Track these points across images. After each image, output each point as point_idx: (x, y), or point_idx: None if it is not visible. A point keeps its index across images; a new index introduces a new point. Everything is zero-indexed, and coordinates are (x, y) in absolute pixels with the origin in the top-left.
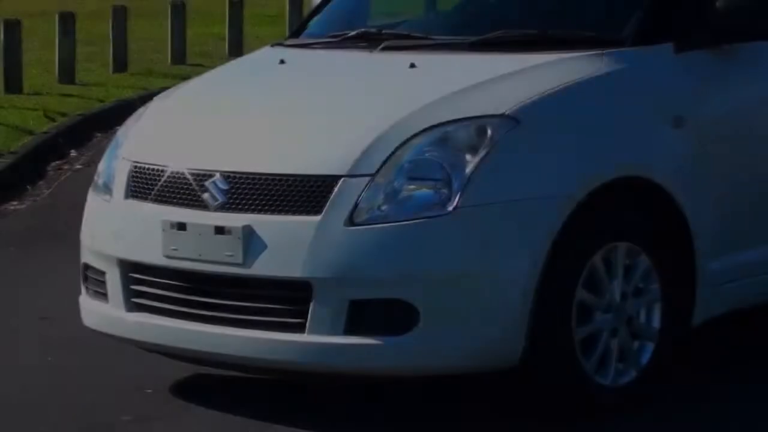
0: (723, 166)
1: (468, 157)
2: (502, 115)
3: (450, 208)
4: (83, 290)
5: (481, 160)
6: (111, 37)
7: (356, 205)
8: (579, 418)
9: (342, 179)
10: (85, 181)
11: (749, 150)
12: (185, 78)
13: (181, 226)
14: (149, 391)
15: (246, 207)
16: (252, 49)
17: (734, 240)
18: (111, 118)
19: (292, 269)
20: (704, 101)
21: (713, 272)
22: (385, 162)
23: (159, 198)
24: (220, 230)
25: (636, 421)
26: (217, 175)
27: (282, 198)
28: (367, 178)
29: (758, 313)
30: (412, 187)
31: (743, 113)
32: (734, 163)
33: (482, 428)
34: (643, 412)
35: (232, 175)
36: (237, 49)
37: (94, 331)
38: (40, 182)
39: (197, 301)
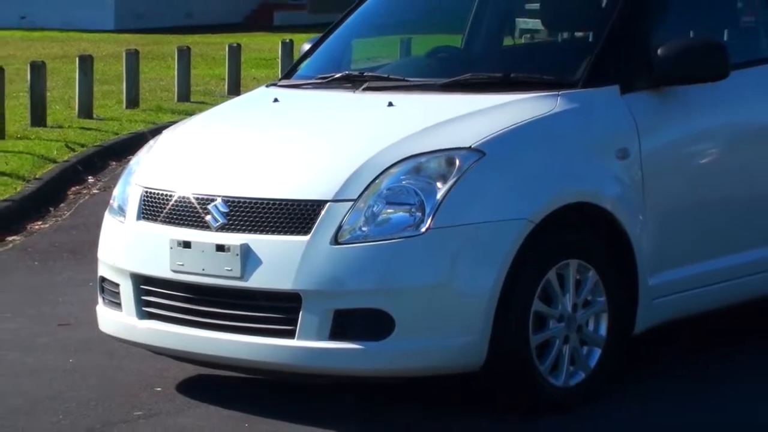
0: (661, 193)
1: (439, 184)
2: (469, 148)
3: (423, 230)
4: (100, 300)
5: (451, 187)
6: (124, 77)
7: (340, 227)
8: (534, 413)
9: (328, 204)
10: (101, 204)
11: (683, 179)
12: (190, 114)
13: (187, 244)
14: (158, 389)
15: (243, 227)
16: (249, 89)
17: (670, 259)
18: (124, 148)
19: (284, 282)
20: (645, 136)
21: (652, 287)
22: (366, 189)
23: (167, 219)
24: (220, 248)
25: (581, 417)
26: (218, 199)
27: (275, 220)
28: (350, 203)
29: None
30: (389, 210)
31: (679, 147)
32: (671, 190)
33: (451, 422)
34: (589, 409)
35: (231, 199)
36: (235, 89)
37: (109, 336)
38: (62, 205)
39: (201, 310)
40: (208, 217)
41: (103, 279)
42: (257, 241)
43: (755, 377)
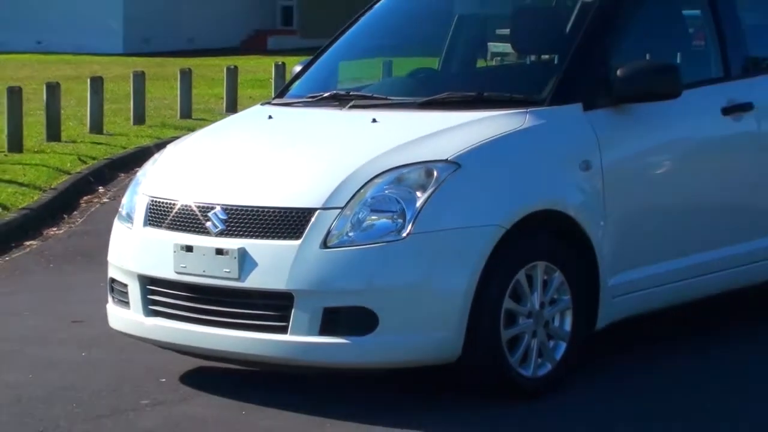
0: (620, 201)
1: (419, 193)
2: (446, 161)
3: (404, 235)
4: (110, 299)
5: (429, 196)
6: (132, 96)
7: (329, 232)
8: (506, 401)
9: (317, 211)
10: (111, 212)
11: (640, 189)
12: (192, 129)
13: (189, 248)
14: (163, 380)
15: (241, 233)
16: (245, 107)
17: (628, 261)
18: (132, 161)
19: (278, 283)
20: (606, 149)
21: (612, 286)
22: (352, 197)
23: (171, 226)
24: (220, 251)
25: (549, 404)
26: (218, 207)
27: (269, 226)
28: (338, 210)
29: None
30: (373, 217)
31: (636, 159)
32: (628, 199)
33: (429, 408)
34: (556, 396)
35: (229, 207)
36: (233, 107)
37: (118, 332)
38: (75, 212)
39: (202, 308)
40: (208, 224)
41: (112, 280)
42: (253, 245)
43: (699, 367)
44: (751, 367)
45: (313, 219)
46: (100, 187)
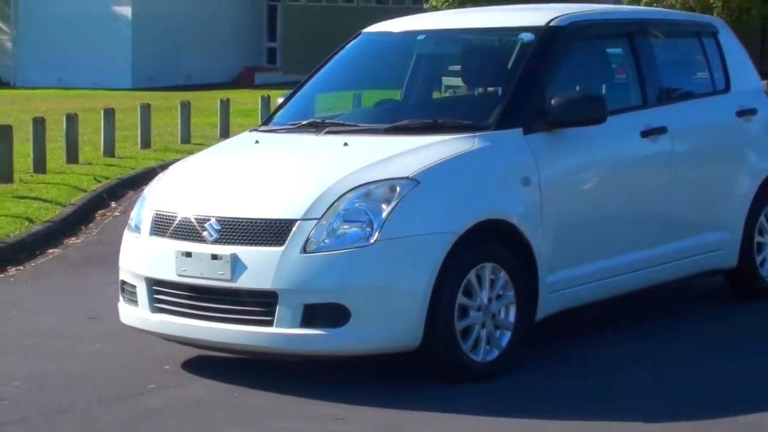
0: (555, 212)
1: (384, 206)
2: (407, 178)
3: (372, 241)
4: (121, 298)
5: (393, 208)
6: (139, 124)
7: (308, 239)
8: (457, 381)
9: (298, 222)
10: (121, 223)
11: (573, 200)
12: (191, 153)
13: (188, 254)
14: (167, 367)
15: (232, 241)
16: (236, 133)
17: (562, 262)
18: (139, 180)
19: (264, 283)
20: (543, 167)
21: (549, 284)
22: (327, 210)
23: (173, 235)
24: (215, 257)
25: (493, 382)
26: (213, 219)
27: (257, 234)
28: (315, 221)
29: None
30: (346, 227)
31: (568, 176)
32: (562, 209)
33: (396, 387)
34: (500, 379)
35: (223, 219)
36: (225, 133)
37: (128, 327)
38: (91, 225)
39: (200, 305)
40: (204, 233)
41: (123, 282)
42: (243, 251)
43: (623, 350)
44: (673, 347)
45: (294, 228)
46: (112, 203)
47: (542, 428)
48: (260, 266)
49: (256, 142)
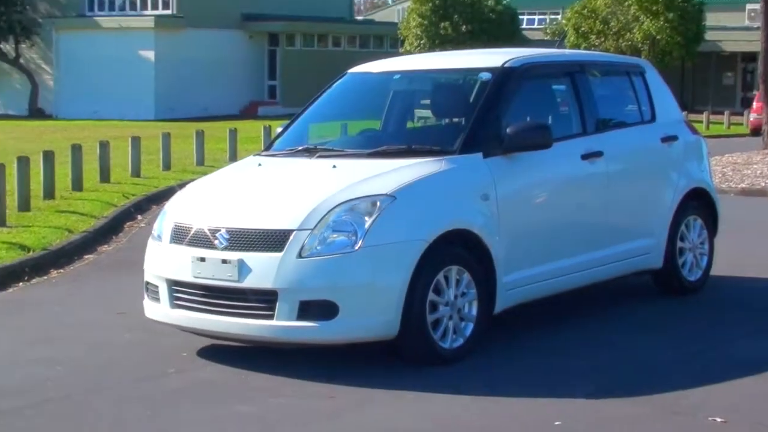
0: (509, 222)
1: (367, 218)
2: (385, 194)
3: (356, 248)
4: (145, 296)
5: (374, 220)
6: (161, 150)
7: (303, 246)
8: (429, 365)
9: (294, 231)
10: (146, 233)
11: (525, 213)
12: (204, 173)
13: (202, 259)
14: (184, 354)
15: (239, 248)
16: (242, 157)
17: (516, 264)
18: (161, 196)
19: (266, 283)
20: (500, 185)
21: (505, 282)
22: (319, 221)
23: (189, 243)
24: (224, 261)
25: (460, 366)
26: (223, 229)
27: (260, 242)
28: (309, 231)
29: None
30: (334, 236)
31: (521, 192)
32: (515, 220)
33: (377, 369)
34: (466, 362)
35: (231, 229)
36: (234, 157)
37: (152, 320)
38: (120, 234)
39: (212, 302)
40: (216, 241)
41: (147, 282)
42: (248, 256)
43: (568, 337)
44: (609, 335)
45: (291, 237)
46: (138, 216)
47: (499, 402)
48: (263, 269)
49: (259, 164)
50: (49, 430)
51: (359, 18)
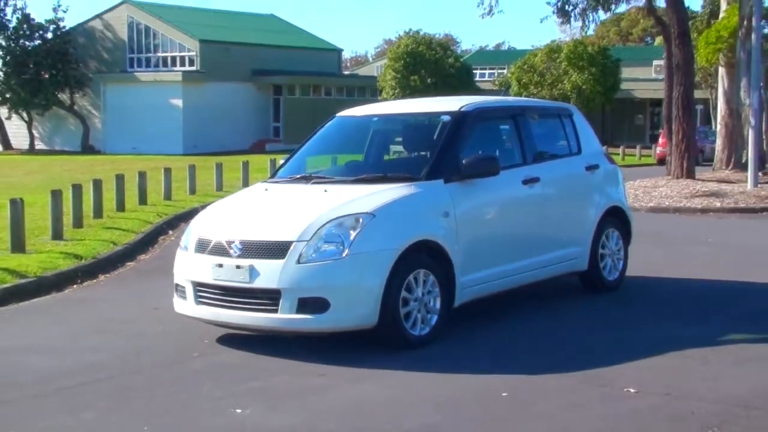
0: (465, 234)
1: (352, 232)
2: (367, 212)
3: (344, 255)
4: (175, 295)
5: (358, 233)
6: (187, 178)
7: (301, 254)
8: (402, 348)
9: (294, 243)
10: (176, 245)
11: (477, 227)
12: (222, 197)
13: (220, 265)
14: (206, 341)
15: (250, 256)
16: (252, 184)
17: (471, 267)
18: (188, 215)
19: (272, 284)
20: (457, 205)
21: (462, 282)
22: (314, 234)
23: (210, 252)
24: (238, 267)
25: (427, 350)
26: (237, 241)
27: (266, 251)
28: (306, 242)
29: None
30: (326, 246)
31: (474, 210)
32: (470, 232)
33: (360, 353)
34: (432, 346)
35: (244, 241)
36: (246, 184)
37: (180, 314)
38: (155, 246)
39: (228, 299)
40: (231, 251)
41: (176, 284)
42: (257, 263)
43: (514, 326)
44: (547, 323)
45: (291, 247)
46: (170, 231)
47: (458, 378)
48: (269, 273)
49: (266, 189)
50: (97, 404)
51: (346, 72)
